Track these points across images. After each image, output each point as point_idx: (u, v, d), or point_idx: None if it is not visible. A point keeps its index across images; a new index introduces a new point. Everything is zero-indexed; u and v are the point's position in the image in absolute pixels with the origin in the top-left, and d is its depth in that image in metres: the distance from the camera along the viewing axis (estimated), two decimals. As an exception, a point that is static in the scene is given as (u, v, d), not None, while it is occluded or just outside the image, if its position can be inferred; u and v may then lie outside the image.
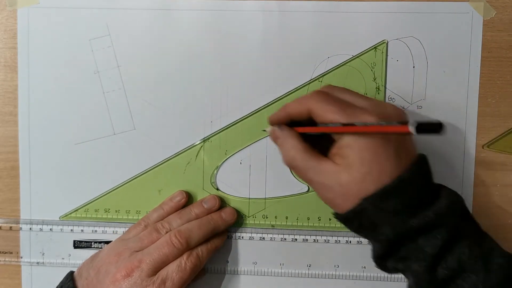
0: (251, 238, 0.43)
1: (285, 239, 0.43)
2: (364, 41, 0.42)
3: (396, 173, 0.31)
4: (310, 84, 0.42)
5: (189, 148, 0.43)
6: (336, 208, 0.33)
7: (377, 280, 0.43)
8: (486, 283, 0.30)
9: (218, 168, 0.43)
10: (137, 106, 0.43)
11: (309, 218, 0.43)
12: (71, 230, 0.44)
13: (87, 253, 0.44)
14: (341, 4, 0.42)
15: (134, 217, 0.44)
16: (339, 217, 0.33)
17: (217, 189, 0.43)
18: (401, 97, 0.42)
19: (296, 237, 0.43)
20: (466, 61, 0.42)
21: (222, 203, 0.43)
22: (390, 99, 0.42)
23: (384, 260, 0.33)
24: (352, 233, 0.43)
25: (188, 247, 0.39)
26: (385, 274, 0.43)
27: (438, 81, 0.42)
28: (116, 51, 0.43)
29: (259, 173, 0.43)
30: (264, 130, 0.42)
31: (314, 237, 0.43)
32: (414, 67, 0.42)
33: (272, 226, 0.43)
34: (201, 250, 0.39)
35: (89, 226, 0.44)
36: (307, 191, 0.43)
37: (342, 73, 0.42)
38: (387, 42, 0.42)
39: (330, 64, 0.42)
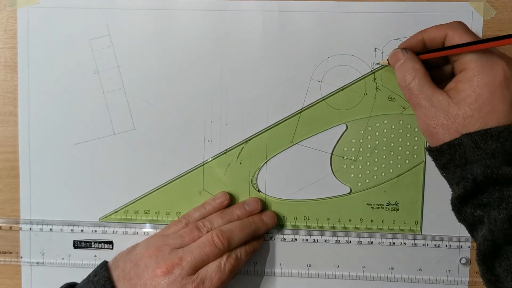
0: (251, 238, 0.44)
1: (285, 239, 0.43)
2: (364, 41, 0.42)
3: (505, 120, 0.32)
4: (309, 85, 0.42)
5: (231, 150, 0.43)
6: (431, 138, 0.35)
7: (377, 280, 0.43)
8: None
9: (259, 169, 0.43)
10: (137, 106, 0.43)
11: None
12: (71, 230, 0.44)
13: (87, 253, 0.44)
14: (341, 4, 0.42)
15: (174, 219, 0.43)
16: (432, 149, 0.35)
17: (258, 190, 0.43)
18: (401, 97, 0.42)
19: (296, 237, 0.43)
20: (466, 61, 0.42)
21: (264, 205, 0.43)
22: (390, 99, 0.42)
23: (463, 203, 0.34)
24: (352, 233, 0.43)
25: (229, 248, 0.38)
26: (385, 274, 0.43)
27: (438, 81, 0.42)
28: (116, 51, 0.43)
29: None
30: (378, 64, 0.42)
31: (314, 237, 0.43)
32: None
33: (272, 226, 0.43)
34: (240, 252, 0.39)
35: (88, 226, 0.44)
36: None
37: (342, 73, 0.42)
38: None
39: (330, 64, 0.42)
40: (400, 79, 0.36)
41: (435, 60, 0.37)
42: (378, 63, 0.42)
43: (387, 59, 0.39)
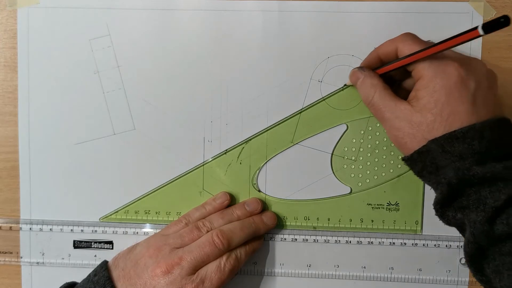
0: (251, 238, 0.44)
1: (285, 239, 0.43)
2: (364, 41, 0.42)
3: (468, 121, 0.32)
4: (309, 85, 0.42)
5: (231, 150, 0.43)
6: (403, 148, 0.35)
7: (377, 280, 0.43)
8: None
9: (259, 169, 0.43)
10: (137, 106, 0.43)
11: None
12: (71, 230, 0.44)
13: (87, 253, 0.44)
14: (341, 4, 0.42)
15: (175, 219, 0.43)
16: (405, 158, 0.35)
17: (259, 190, 0.43)
18: (401, 97, 0.42)
19: (296, 237, 0.43)
20: (466, 61, 0.42)
21: (264, 205, 0.43)
22: (390, 99, 0.42)
23: (445, 207, 0.34)
24: (352, 233, 0.43)
25: (229, 248, 0.38)
26: (385, 274, 0.43)
27: (438, 81, 0.42)
28: (116, 51, 0.43)
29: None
30: (345, 85, 0.42)
31: (314, 237, 0.43)
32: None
33: (272, 226, 0.43)
34: (240, 252, 0.39)
35: (88, 226, 0.44)
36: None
37: (343, 73, 0.42)
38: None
39: (330, 64, 0.42)
40: (363, 97, 0.37)
41: (399, 74, 0.38)
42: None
43: None
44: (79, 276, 0.40)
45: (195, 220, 0.41)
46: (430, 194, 0.42)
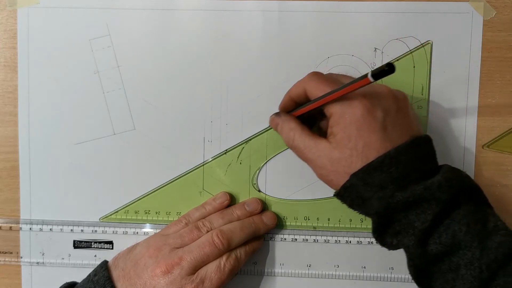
0: (251, 238, 0.44)
1: (285, 239, 0.43)
2: (364, 41, 0.42)
3: (384, 147, 0.32)
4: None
5: (231, 150, 0.43)
6: (330, 185, 0.35)
7: (377, 280, 0.43)
8: (482, 260, 0.30)
9: (259, 169, 0.43)
10: (137, 106, 0.43)
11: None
12: (71, 230, 0.44)
13: (87, 253, 0.44)
14: (341, 4, 0.42)
15: (175, 219, 0.43)
16: (335, 195, 0.35)
17: (259, 190, 0.43)
18: (401, 97, 0.42)
19: (296, 237, 0.43)
20: (466, 61, 0.42)
21: (264, 205, 0.43)
22: (390, 99, 0.42)
23: (382, 235, 0.34)
24: (352, 233, 0.43)
25: (229, 248, 0.38)
26: (385, 274, 0.43)
27: (438, 81, 0.42)
28: (116, 51, 0.43)
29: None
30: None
31: (314, 237, 0.43)
32: (414, 67, 0.42)
33: (272, 226, 0.43)
34: (240, 253, 0.39)
35: (88, 226, 0.44)
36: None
37: (342, 73, 0.42)
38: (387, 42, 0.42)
39: (330, 64, 0.42)
40: (285, 141, 0.37)
41: (317, 112, 0.37)
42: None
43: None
44: (79, 276, 0.40)
45: (195, 220, 0.41)
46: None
